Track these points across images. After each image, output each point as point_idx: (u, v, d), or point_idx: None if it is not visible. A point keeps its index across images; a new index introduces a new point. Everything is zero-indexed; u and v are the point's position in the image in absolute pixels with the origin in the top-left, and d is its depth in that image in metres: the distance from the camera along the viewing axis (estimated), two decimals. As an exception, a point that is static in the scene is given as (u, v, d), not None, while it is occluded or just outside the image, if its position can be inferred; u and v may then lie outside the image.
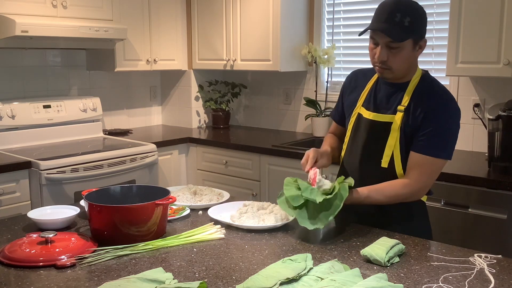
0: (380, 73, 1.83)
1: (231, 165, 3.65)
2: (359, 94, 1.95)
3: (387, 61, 1.76)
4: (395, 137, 1.81)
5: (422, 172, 1.78)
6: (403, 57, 1.76)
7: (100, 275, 1.41)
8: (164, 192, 1.76)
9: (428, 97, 1.79)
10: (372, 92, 1.91)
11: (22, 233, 1.73)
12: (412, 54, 1.79)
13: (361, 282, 1.29)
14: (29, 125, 3.44)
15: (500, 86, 3.03)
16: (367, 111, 1.89)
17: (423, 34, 1.81)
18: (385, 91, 1.88)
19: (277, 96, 4.18)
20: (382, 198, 1.80)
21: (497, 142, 2.67)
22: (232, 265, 1.48)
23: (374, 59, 1.79)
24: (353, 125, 1.94)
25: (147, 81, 4.38)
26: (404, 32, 1.72)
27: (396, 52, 1.75)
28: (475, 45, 2.77)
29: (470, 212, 2.59)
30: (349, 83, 2.04)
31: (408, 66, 1.81)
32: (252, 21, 3.78)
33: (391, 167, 1.82)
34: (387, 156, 1.82)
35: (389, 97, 1.86)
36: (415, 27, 1.75)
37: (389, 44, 1.74)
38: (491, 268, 1.45)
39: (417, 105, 1.79)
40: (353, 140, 1.94)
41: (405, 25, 1.72)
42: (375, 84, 1.92)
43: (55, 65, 3.75)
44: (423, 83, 1.83)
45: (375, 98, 1.90)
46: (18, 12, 3.11)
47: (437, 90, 1.82)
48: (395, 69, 1.78)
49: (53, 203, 2.83)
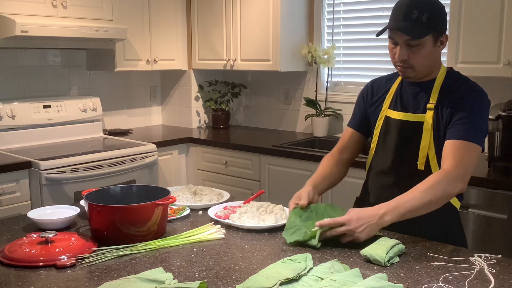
0: (402, 72, 1.79)
1: (231, 165, 3.65)
2: (383, 98, 1.91)
3: (408, 60, 1.73)
4: (429, 136, 1.75)
5: (456, 157, 1.66)
6: (424, 55, 1.72)
7: (100, 275, 1.41)
8: (164, 192, 1.76)
9: (456, 88, 1.76)
10: (398, 93, 1.87)
11: (22, 233, 1.73)
12: (434, 51, 1.74)
13: (361, 282, 1.29)
14: (29, 125, 3.44)
15: (500, 86, 3.03)
16: (395, 112, 1.84)
17: (443, 29, 1.75)
18: (411, 91, 1.83)
19: (277, 96, 4.18)
20: (418, 199, 1.61)
21: (497, 142, 2.67)
22: (232, 265, 1.48)
23: (395, 59, 1.76)
24: (381, 128, 1.88)
25: (147, 81, 4.38)
26: (422, 28, 1.68)
27: (416, 49, 1.71)
28: (475, 45, 2.77)
29: (470, 212, 2.59)
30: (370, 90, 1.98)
31: (430, 63, 1.76)
32: (252, 21, 3.78)
33: (427, 169, 1.76)
34: (423, 157, 1.76)
35: (416, 96, 1.81)
36: (434, 23, 1.70)
37: (409, 42, 1.70)
38: (491, 268, 1.44)
39: (446, 100, 1.75)
40: (382, 145, 1.88)
41: (423, 21, 1.67)
42: (400, 85, 1.88)
43: (55, 65, 3.75)
44: (450, 79, 1.80)
45: (402, 99, 1.85)
46: (18, 12, 3.11)
47: (465, 80, 1.79)
48: (417, 67, 1.74)
49: (53, 203, 2.83)
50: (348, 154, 2.02)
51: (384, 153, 1.88)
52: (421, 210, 1.64)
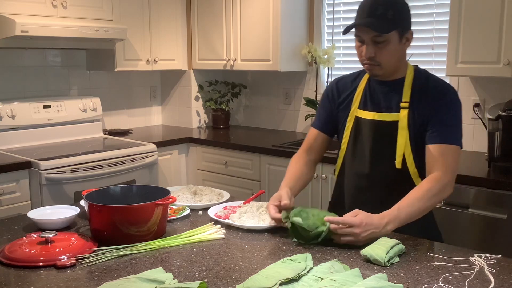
0: (370, 70, 1.80)
1: (231, 165, 3.65)
2: (351, 98, 1.90)
3: (375, 57, 1.74)
4: (405, 135, 1.77)
5: (446, 162, 1.72)
6: (390, 51, 1.74)
7: (100, 275, 1.41)
8: (164, 192, 1.76)
9: (429, 88, 1.78)
10: (366, 93, 1.87)
11: (22, 233, 1.73)
12: (400, 47, 1.77)
13: (361, 282, 1.29)
14: (29, 125, 3.44)
15: (500, 86, 3.03)
16: (367, 112, 1.85)
17: (408, 26, 1.77)
18: (380, 90, 1.84)
19: (277, 96, 4.18)
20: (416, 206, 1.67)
21: (497, 142, 2.67)
22: (232, 265, 1.48)
23: (362, 57, 1.78)
24: (352, 129, 1.88)
25: (147, 81, 4.38)
26: (387, 24, 1.70)
27: (382, 46, 1.73)
28: (475, 45, 2.77)
29: (470, 212, 2.59)
30: (335, 89, 1.97)
31: (396, 60, 1.78)
32: (252, 21, 3.78)
33: (404, 167, 1.78)
34: (400, 156, 1.77)
35: (386, 96, 1.83)
36: (398, 19, 1.72)
37: (375, 38, 1.72)
38: (491, 268, 1.44)
39: (421, 99, 1.77)
40: (354, 146, 1.88)
41: (388, 18, 1.70)
42: (367, 85, 1.88)
43: (55, 65, 3.75)
44: (420, 77, 1.82)
45: (372, 98, 1.85)
46: (18, 12, 3.11)
47: (436, 81, 1.82)
48: (384, 64, 1.76)
49: (53, 203, 2.83)
50: (314, 155, 2.02)
51: (359, 155, 1.87)
52: (417, 216, 1.70)
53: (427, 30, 3.34)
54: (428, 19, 3.33)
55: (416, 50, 3.37)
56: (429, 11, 3.33)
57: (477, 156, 3.03)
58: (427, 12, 3.33)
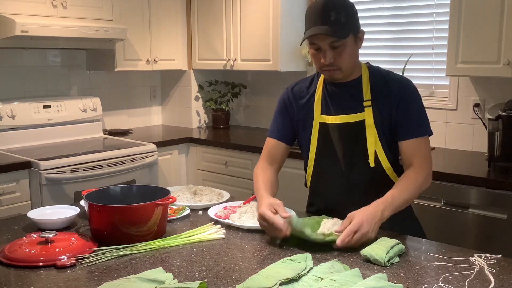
0: (330, 75, 1.81)
1: (231, 165, 3.65)
2: (310, 105, 1.89)
3: (334, 62, 1.76)
4: (373, 133, 1.79)
5: (423, 154, 1.78)
6: (348, 54, 1.76)
7: (100, 275, 1.41)
8: (164, 192, 1.76)
9: (386, 84, 1.81)
10: (325, 97, 1.87)
11: (22, 233, 1.73)
12: (355, 48, 1.80)
13: (361, 282, 1.29)
14: (29, 125, 3.44)
15: (500, 86, 3.03)
16: (331, 116, 1.85)
17: (359, 26, 1.80)
18: (339, 93, 1.85)
19: (277, 96, 4.14)
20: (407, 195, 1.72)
21: (497, 142, 2.67)
22: (232, 265, 1.48)
23: (321, 63, 1.78)
24: (318, 136, 1.87)
25: (147, 81, 4.38)
26: (344, 28, 1.72)
27: (340, 50, 1.74)
28: (475, 45, 2.77)
29: (470, 212, 2.59)
30: (291, 97, 1.96)
31: (353, 61, 1.81)
32: (252, 21, 3.78)
33: (377, 164, 1.80)
34: (372, 154, 1.80)
35: (347, 97, 1.84)
36: (351, 21, 1.75)
37: (333, 44, 1.73)
38: (491, 268, 1.44)
39: (382, 95, 1.80)
40: (323, 152, 1.87)
41: (343, 21, 1.72)
42: (324, 89, 1.88)
43: (55, 65, 3.75)
44: (375, 74, 1.85)
45: (333, 102, 1.86)
46: (18, 12, 3.11)
47: (391, 75, 1.85)
48: (344, 67, 1.78)
49: (53, 203, 2.83)
50: (277, 164, 2.00)
51: (330, 160, 1.86)
52: (405, 205, 1.76)
53: (427, 30, 3.33)
54: (428, 19, 3.33)
55: (416, 50, 3.37)
56: (429, 11, 3.33)
57: (477, 156, 3.03)
58: (427, 12, 3.33)
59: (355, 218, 1.61)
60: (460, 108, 3.20)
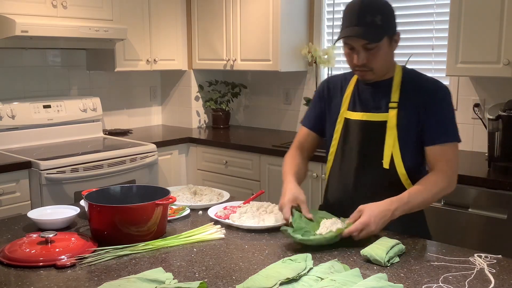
0: (362, 76, 1.81)
1: (231, 165, 3.65)
2: (340, 99, 1.91)
3: (367, 63, 1.75)
4: (393, 135, 1.77)
5: (448, 159, 1.75)
6: (382, 56, 1.74)
7: (100, 275, 1.41)
8: (164, 192, 1.76)
9: (419, 87, 1.78)
10: (355, 94, 1.87)
11: (22, 233, 1.73)
12: (389, 50, 1.78)
13: (361, 282, 1.29)
14: (29, 125, 3.44)
15: (500, 86, 3.03)
16: (356, 113, 1.85)
17: (395, 28, 1.78)
18: (369, 91, 1.84)
19: (277, 96, 4.18)
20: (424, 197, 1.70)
21: (497, 142, 2.68)
22: (232, 265, 1.48)
23: (354, 64, 1.78)
24: (341, 131, 1.88)
25: (147, 81, 4.38)
26: (378, 31, 1.71)
27: (374, 52, 1.73)
28: (475, 45, 2.77)
29: (470, 212, 2.59)
30: (326, 89, 1.98)
31: (387, 64, 1.80)
32: (252, 21, 3.78)
33: (392, 167, 1.78)
34: (388, 156, 1.77)
35: (375, 96, 1.83)
36: (387, 24, 1.73)
37: (366, 46, 1.72)
38: (491, 268, 1.45)
39: (411, 99, 1.77)
40: (343, 147, 1.88)
41: (378, 24, 1.70)
42: (356, 86, 1.89)
43: (55, 65, 3.75)
44: (408, 76, 1.82)
45: (360, 100, 1.86)
46: (18, 12, 3.11)
47: (425, 78, 1.82)
48: (377, 69, 1.77)
49: (53, 203, 2.83)
50: (307, 153, 2.04)
51: (347, 156, 1.87)
52: (421, 207, 1.77)
53: (427, 30, 3.33)
54: (428, 19, 3.33)
55: (416, 50, 3.37)
56: (429, 11, 3.33)
57: (477, 156, 3.03)
58: (427, 12, 3.33)
59: (364, 214, 1.62)
60: (460, 108, 3.20)
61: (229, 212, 1.89)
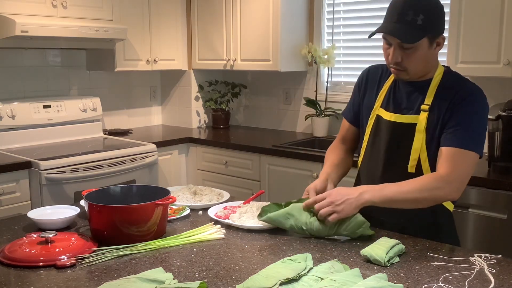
0: (396, 74, 1.72)
1: (231, 165, 3.65)
2: (377, 93, 1.84)
3: (401, 62, 1.67)
4: (421, 139, 1.69)
5: (453, 164, 1.61)
6: (418, 57, 1.65)
7: (100, 275, 1.41)
8: (164, 192, 1.76)
9: (454, 91, 1.67)
10: (391, 91, 1.79)
11: (22, 233, 1.73)
12: (429, 53, 1.67)
13: (361, 282, 1.29)
14: (29, 125, 3.44)
15: (500, 86, 3.03)
16: (387, 112, 1.78)
17: (440, 30, 1.67)
18: (405, 90, 1.76)
19: (277, 96, 4.18)
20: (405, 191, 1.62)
21: (497, 142, 2.67)
22: (232, 265, 1.48)
23: (388, 60, 1.70)
24: (372, 128, 1.82)
25: (147, 81, 4.38)
26: (416, 31, 1.61)
27: (410, 52, 1.64)
28: (475, 45, 2.77)
29: (470, 212, 2.59)
30: (365, 79, 1.91)
31: (425, 65, 1.70)
32: (252, 21, 3.78)
33: (418, 172, 1.70)
34: (414, 160, 1.70)
35: (410, 96, 1.74)
36: (429, 25, 1.62)
37: (402, 44, 1.63)
38: (491, 268, 1.44)
39: (443, 102, 1.68)
40: (372, 145, 1.83)
41: (418, 24, 1.60)
42: (393, 83, 1.80)
43: (55, 65, 3.75)
44: (447, 79, 1.72)
45: (395, 98, 1.78)
46: (18, 12, 3.11)
47: (464, 82, 1.71)
48: (411, 70, 1.68)
49: (53, 203, 2.83)
50: (350, 144, 2.02)
51: (374, 155, 1.83)
52: (404, 204, 1.65)
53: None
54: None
55: (416, 50, 3.37)
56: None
57: (477, 156, 3.02)
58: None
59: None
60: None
61: (229, 212, 1.89)
